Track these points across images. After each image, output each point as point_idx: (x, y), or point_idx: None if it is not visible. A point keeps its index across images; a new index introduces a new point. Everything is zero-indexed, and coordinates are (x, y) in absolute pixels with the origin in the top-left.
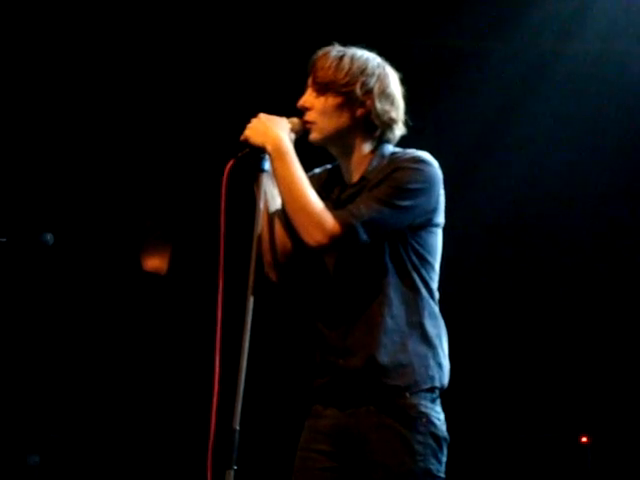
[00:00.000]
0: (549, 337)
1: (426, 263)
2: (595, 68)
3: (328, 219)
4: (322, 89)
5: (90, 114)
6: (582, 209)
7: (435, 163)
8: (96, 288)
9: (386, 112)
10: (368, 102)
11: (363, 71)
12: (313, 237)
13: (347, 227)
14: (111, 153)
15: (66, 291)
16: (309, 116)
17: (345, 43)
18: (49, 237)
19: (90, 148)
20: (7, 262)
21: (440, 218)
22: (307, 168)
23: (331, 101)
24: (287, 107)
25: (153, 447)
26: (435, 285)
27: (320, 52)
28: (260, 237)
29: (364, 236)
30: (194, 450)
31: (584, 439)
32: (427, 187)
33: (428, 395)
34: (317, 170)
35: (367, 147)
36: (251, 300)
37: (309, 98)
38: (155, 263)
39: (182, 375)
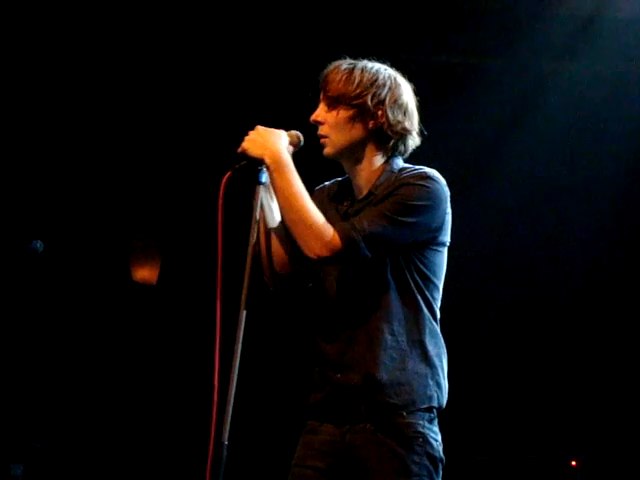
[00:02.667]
0: (540, 361)
1: (428, 281)
2: (594, 87)
3: (328, 231)
4: (333, 103)
5: (83, 121)
6: (581, 222)
7: (442, 181)
8: (86, 296)
9: (399, 122)
10: (380, 113)
11: (374, 82)
12: (312, 249)
13: (348, 240)
14: (103, 161)
15: (55, 299)
16: (322, 130)
17: (350, 57)
18: (39, 244)
19: (81, 156)
20: None
21: (446, 237)
22: (313, 180)
23: (342, 114)
24: (286, 120)
25: (139, 458)
26: (437, 304)
27: (331, 66)
28: (258, 249)
29: (366, 251)
30: (185, 464)
31: (574, 462)
32: (432, 204)
33: (425, 415)
34: (327, 183)
35: (378, 160)
36: (244, 314)
37: (321, 112)
38: (144, 273)
39: (169, 387)
